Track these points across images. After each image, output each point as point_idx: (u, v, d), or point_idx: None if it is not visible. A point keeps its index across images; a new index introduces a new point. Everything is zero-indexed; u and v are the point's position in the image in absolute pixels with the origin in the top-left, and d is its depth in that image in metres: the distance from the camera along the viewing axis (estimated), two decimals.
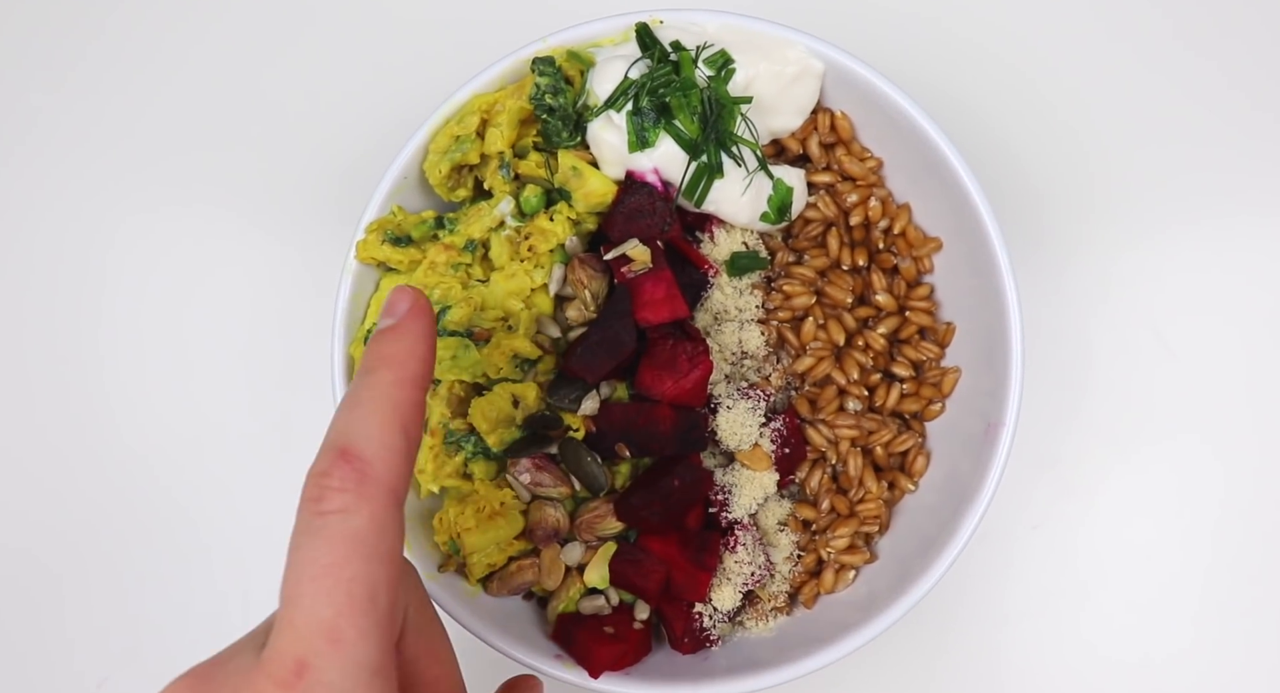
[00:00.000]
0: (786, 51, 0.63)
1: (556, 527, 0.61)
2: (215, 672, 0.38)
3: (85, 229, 0.80)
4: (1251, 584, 0.73)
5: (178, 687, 0.38)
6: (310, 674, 0.35)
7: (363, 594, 0.37)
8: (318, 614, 0.36)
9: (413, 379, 0.42)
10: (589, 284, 0.61)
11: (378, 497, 0.38)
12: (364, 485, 0.38)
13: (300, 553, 0.38)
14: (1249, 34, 0.79)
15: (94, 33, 0.82)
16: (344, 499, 0.38)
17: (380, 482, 0.39)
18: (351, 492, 0.38)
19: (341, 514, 0.37)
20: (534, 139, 0.64)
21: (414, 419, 0.41)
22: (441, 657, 0.47)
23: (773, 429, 0.63)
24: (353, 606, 0.36)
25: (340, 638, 0.36)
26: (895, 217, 0.66)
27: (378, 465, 0.39)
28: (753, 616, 0.65)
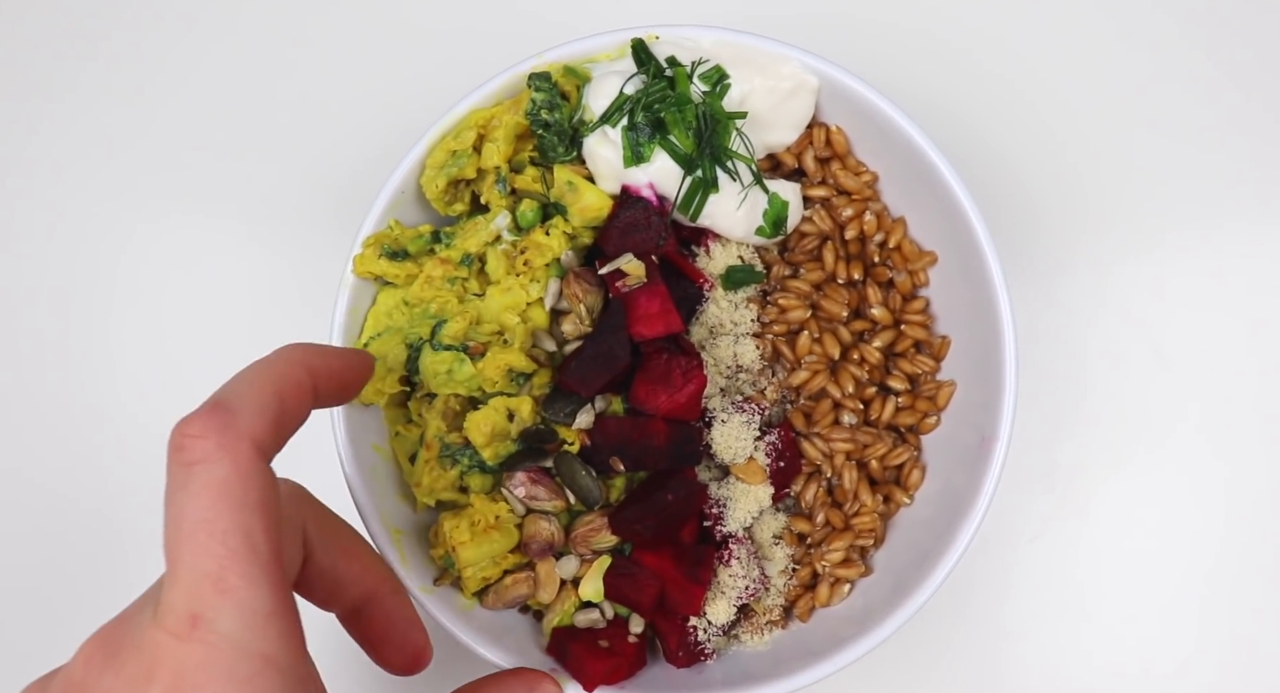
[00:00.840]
0: (781, 67, 0.63)
1: (551, 540, 0.61)
2: (117, 630, 0.39)
3: (84, 241, 0.80)
4: (1251, 595, 0.73)
5: (85, 648, 0.39)
6: (203, 625, 0.36)
7: (241, 544, 0.37)
8: (201, 568, 0.37)
9: (305, 366, 0.44)
10: (584, 298, 0.61)
11: (239, 446, 0.39)
12: (225, 433, 0.39)
13: (173, 509, 0.39)
14: (1244, 46, 0.79)
15: (96, 47, 0.82)
16: (204, 447, 0.39)
17: (242, 433, 0.39)
18: (212, 440, 0.39)
19: (204, 465, 0.38)
20: (530, 154, 0.64)
21: (294, 394, 0.43)
22: (356, 553, 0.48)
23: (768, 443, 0.63)
24: (233, 556, 0.37)
25: (227, 587, 0.37)
26: (890, 230, 0.66)
27: (242, 417, 0.40)
28: (748, 629, 0.65)
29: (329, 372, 0.45)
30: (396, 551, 0.61)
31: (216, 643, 0.36)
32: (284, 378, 0.43)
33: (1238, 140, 0.78)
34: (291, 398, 0.43)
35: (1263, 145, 0.78)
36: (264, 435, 0.40)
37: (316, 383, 0.44)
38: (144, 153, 0.81)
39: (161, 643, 0.37)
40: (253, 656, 0.36)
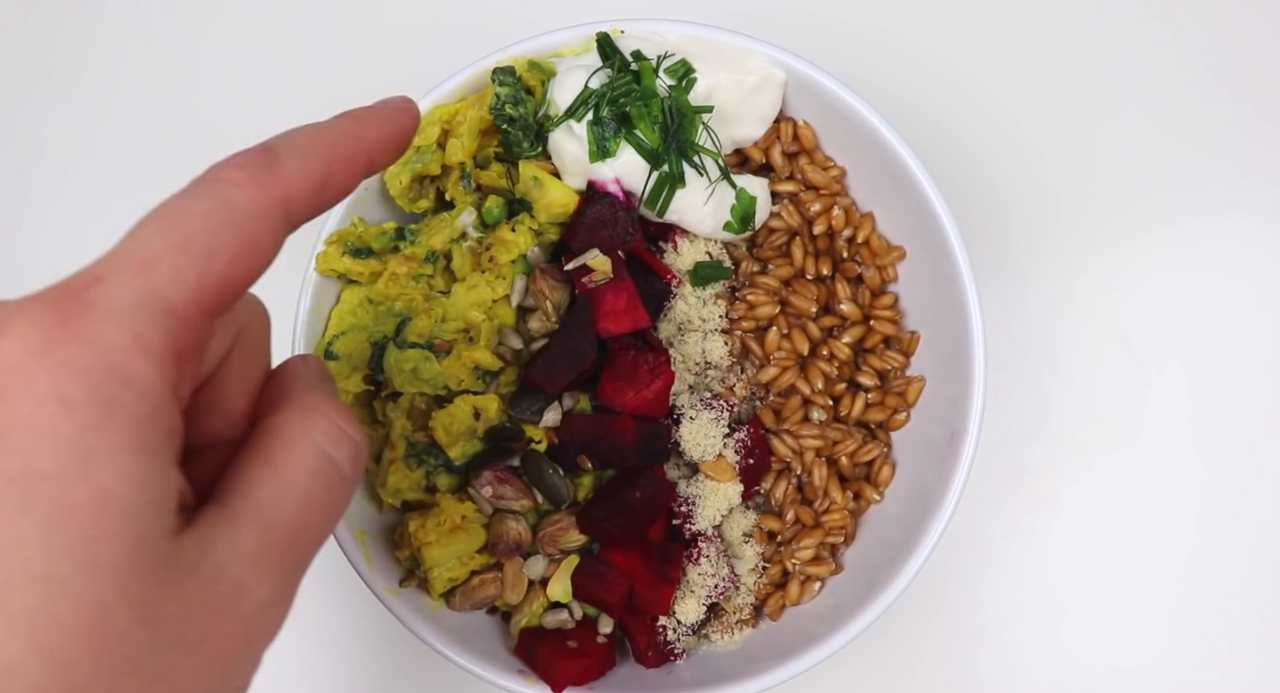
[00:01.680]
0: (748, 61, 0.63)
1: (519, 540, 0.60)
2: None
3: (36, 237, 0.79)
4: (1224, 588, 0.73)
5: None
6: (98, 287, 0.29)
7: (201, 246, 0.31)
8: (145, 244, 0.31)
9: (360, 139, 0.38)
10: (551, 295, 0.60)
11: (272, 189, 0.33)
12: (264, 173, 0.33)
13: (166, 202, 0.33)
14: (1209, 48, 0.79)
15: (44, 48, 0.81)
16: (239, 174, 0.33)
17: (281, 181, 0.34)
18: (250, 170, 0.33)
19: (228, 183, 0.33)
20: (495, 149, 0.63)
21: (343, 168, 0.37)
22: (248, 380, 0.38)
23: (737, 440, 0.63)
24: (186, 247, 0.31)
25: (152, 266, 0.30)
26: (859, 226, 0.66)
27: (288, 167, 0.34)
28: (718, 628, 0.64)
29: (380, 142, 0.39)
30: (361, 552, 0.60)
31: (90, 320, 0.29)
32: (338, 147, 0.37)
33: (1205, 138, 0.78)
34: (340, 172, 0.37)
35: (1230, 143, 0.78)
36: (299, 198, 0.35)
37: (370, 157, 0.38)
38: (94, 149, 0.80)
39: (48, 297, 0.30)
40: (116, 350, 0.29)
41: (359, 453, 0.35)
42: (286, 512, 0.32)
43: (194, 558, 0.30)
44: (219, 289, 0.31)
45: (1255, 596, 0.73)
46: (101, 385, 0.28)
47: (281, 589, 0.32)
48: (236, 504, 0.32)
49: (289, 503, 0.32)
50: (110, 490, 0.28)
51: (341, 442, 0.34)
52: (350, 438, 0.35)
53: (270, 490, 0.32)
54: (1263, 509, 0.74)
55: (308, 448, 0.34)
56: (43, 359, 0.28)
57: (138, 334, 0.29)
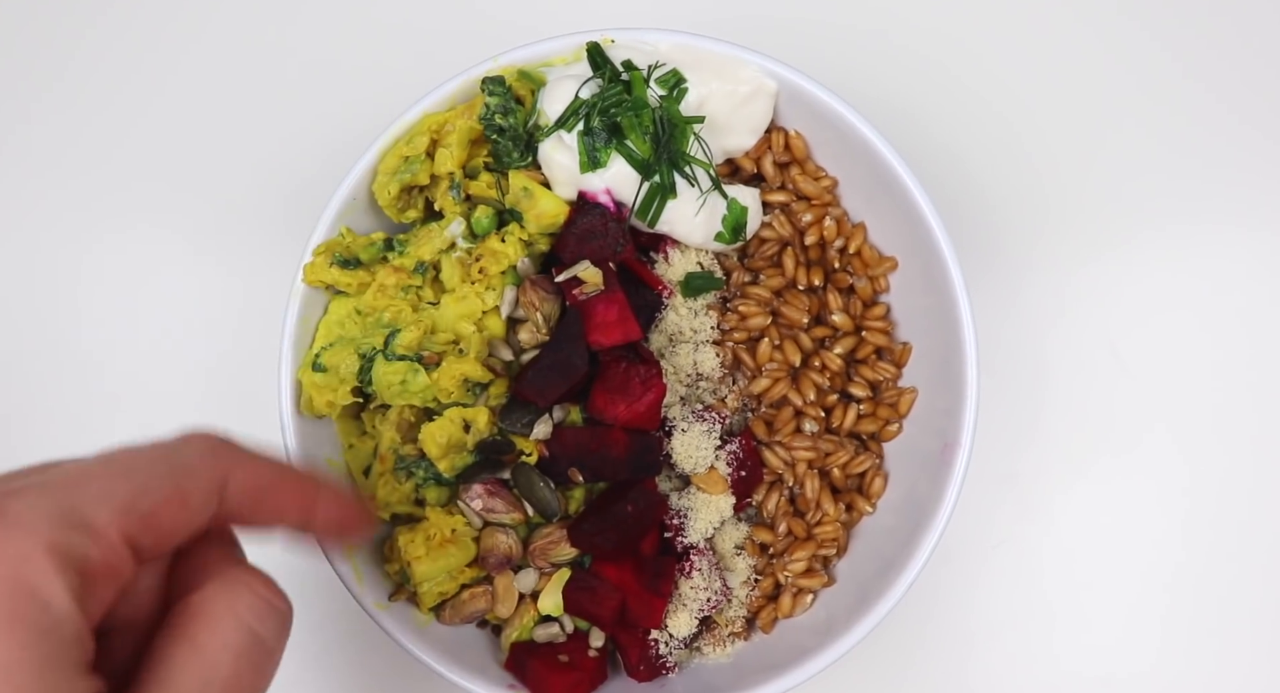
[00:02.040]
0: (739, 71, 0.63)
1: (509, 554, 0.60)
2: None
3: (28, 254, 0.78)
4: (1214, 596, 0.73)
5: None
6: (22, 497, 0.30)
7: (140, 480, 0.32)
8: (84, 464, 0.32)
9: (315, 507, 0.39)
10: (541, 307, 0.60)
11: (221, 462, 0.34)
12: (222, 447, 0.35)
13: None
14: (1199, 54, 0.79)
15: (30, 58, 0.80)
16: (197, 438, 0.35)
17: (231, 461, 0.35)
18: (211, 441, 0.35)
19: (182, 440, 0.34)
20: (484, 159, 0.63)
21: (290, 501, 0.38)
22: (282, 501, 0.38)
23: (729, 452, 0.62)
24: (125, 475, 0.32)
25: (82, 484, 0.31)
26: (850, 236, 0.66)
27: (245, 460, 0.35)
28: (710, 642, 0.64)
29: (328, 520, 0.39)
30: (350, 566, 0.60)
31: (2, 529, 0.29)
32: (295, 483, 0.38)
33: (1195, 146, 0.78)
34: (281, 501, 0.37)
35: (1222, 155, 0.78)
36: (237, 488, 0.35)
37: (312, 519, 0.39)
38: (86, 164, 0.79)
39: None
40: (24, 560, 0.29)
41: (284, 624, 0.35)
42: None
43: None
44: (144, 523, 0.31)
45: (1245, 604, 0.73)
46: (5, 598, 0.28)
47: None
48: (155, 688, 0.31)
49: (215, 688, 0.32)
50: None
51: (268, 616, 0.34)
52: (276, 610, 0.35)
53: (194, 676, 0.32)
54: (1252, 518, 0.74)
55: (232, 626, 0.33)
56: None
57: (50, 545, 0.29)
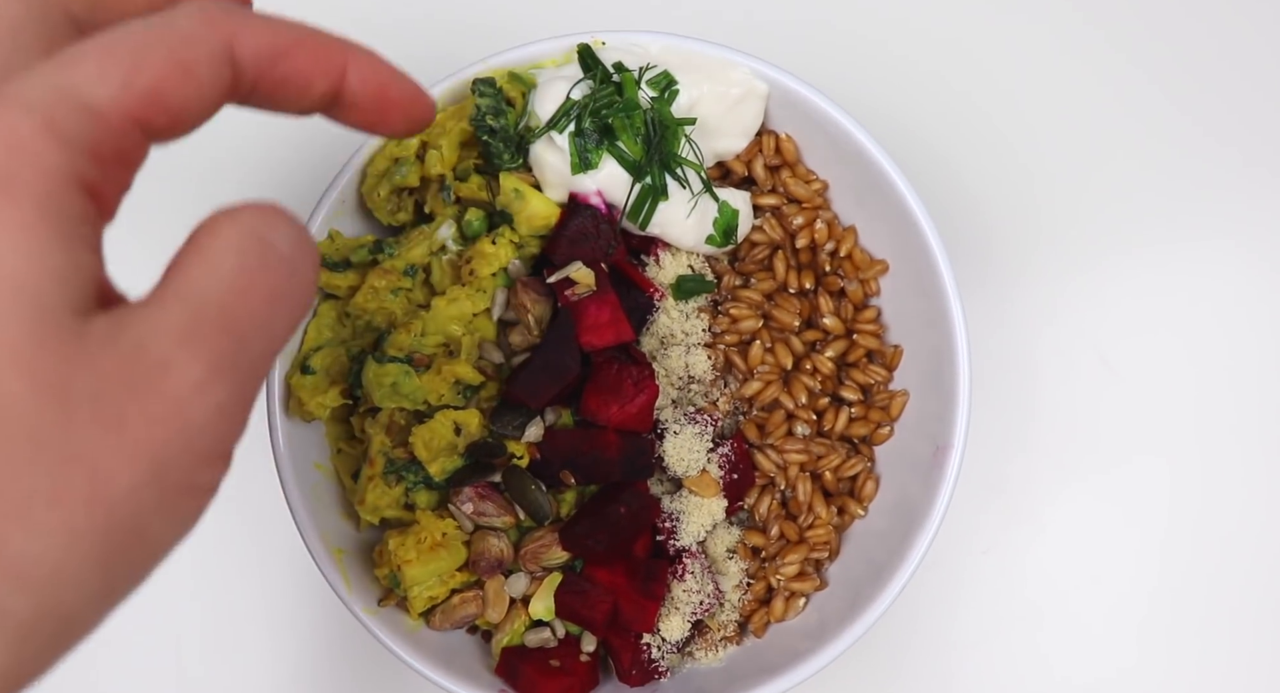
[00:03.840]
0: (730, 73, 0.63)
1: (500, 557, 0.59)
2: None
3: None
4: (1200, 604, 0.73)
5: None
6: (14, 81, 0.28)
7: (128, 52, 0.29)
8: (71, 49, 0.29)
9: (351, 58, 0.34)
10: (532, 309, 0.60)
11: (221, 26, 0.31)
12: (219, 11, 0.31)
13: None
14: (1196, 63, 0.80)
15: None
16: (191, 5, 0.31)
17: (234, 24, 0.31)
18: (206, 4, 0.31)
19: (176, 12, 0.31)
20: (475, 161, 0.62)
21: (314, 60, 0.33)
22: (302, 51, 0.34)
23: (720, 455, 0.62)
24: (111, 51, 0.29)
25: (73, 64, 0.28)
26: (841, 239, 0.66)
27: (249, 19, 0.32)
28: (702, 645, 0.63)
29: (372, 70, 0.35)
30: (339, 571, 0.59)
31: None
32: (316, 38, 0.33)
33: (1190, 159, 0.79)
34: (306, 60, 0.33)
35: (1215, 164, 0.78)
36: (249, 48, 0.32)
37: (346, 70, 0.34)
38: None
39: None
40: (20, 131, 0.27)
41: (301, 237, 0.31)
42: (216, 289, 0.29)
43: (108, 333, 0.26)
44: (147, 100, 0.29)
45: (1231, 611, 0.73)
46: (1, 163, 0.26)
47: (219, 370, 0.28)
48: (159, 290, 0.29)
49: (217, 280, 0.29)
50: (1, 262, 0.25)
51: (276, 223, 0.31)
52: (286, 220, 0.31)
53: (196, 272, 0.29)
54: (1239, 525, 0.74)
55: (234, 229, 0.30)
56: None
57: (48, 121, 0.27)
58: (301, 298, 0.31)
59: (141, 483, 0.26)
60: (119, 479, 0.26)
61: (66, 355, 0.25)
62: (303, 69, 0.33)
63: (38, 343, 0.25)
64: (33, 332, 0.25)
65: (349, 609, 0.59)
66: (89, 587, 0.26)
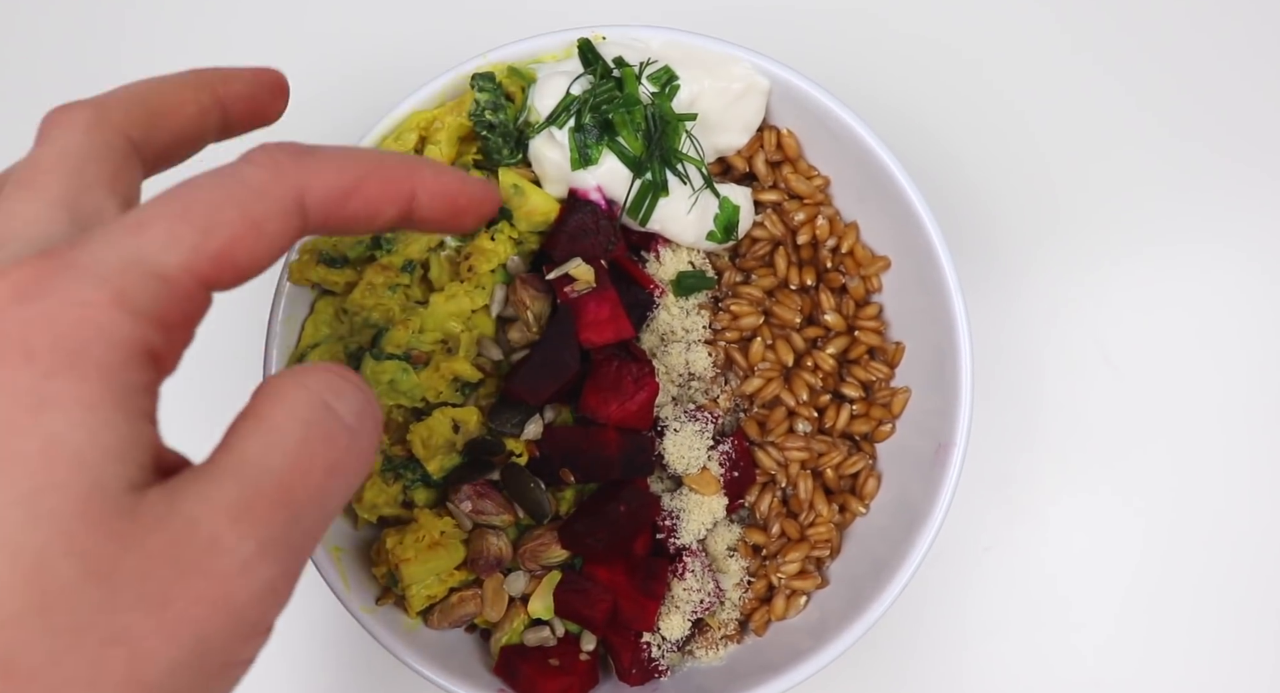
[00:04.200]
0: (732, 68, 0.62)
1: (499, 556, 0.59)
2: None
3: None
4: (1205, 601, 0.73)
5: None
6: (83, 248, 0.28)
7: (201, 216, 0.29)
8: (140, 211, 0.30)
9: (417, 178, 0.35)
10: (531, 305, 0.59)
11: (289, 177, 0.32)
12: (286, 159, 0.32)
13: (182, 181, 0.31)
14: (1207, 58, 0.79)
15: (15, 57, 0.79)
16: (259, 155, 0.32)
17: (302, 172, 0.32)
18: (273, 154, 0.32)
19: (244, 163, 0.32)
20: (474, 156, 0.62)
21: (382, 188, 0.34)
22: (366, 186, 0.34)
23: (721, 452, 0.62)
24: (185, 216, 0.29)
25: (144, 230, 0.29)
26: (843, 235, 0.65)
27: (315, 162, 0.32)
28: (703, 644, 0.63)
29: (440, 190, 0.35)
30: (337, 569, 0.59)
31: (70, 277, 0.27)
32: (383, 165, 0.34)
33: (1194, 157, 0.78)
34: (374, 189, 0.33)
35: (1220, 163, 0.78)
36: (318, 195, 0.32)
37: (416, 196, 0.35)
38: None
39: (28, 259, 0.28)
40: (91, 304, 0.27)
41: (368, 407, 0.32)
42: (275, 463, 0.29)
43: (159, 511, 0.27)
44: (216, 263, 0.29)
45: (1239, 608, 0.73)
46: (67, 335, 0.26)
47: (269, 548, 0.28)
48: (218, 459, 0.29)
49: (278, 453, 0.29)
50: (61, 439, 0.25)
51: (344, 391, 0.31)
52: (355, 387, 0.31)
53: (256, 442, 0.29)
54: (1244, 525, 0.74)
55: (300, 397, 0.30)
56: (14, 313, 0.26)
57: (119, 293, 0.27)
58: (361, 468, 0.31)
59: (182, 663, 0.26)
60: (159, 660, 0.26)
61: (117, 537, 0.26)
62: (372, 202, 0.34)
63: (92, 525, 0.25)
64: (87, 513, 0.25)
65: (346, 608, 0.58)
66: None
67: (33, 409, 0.25)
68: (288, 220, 0.31)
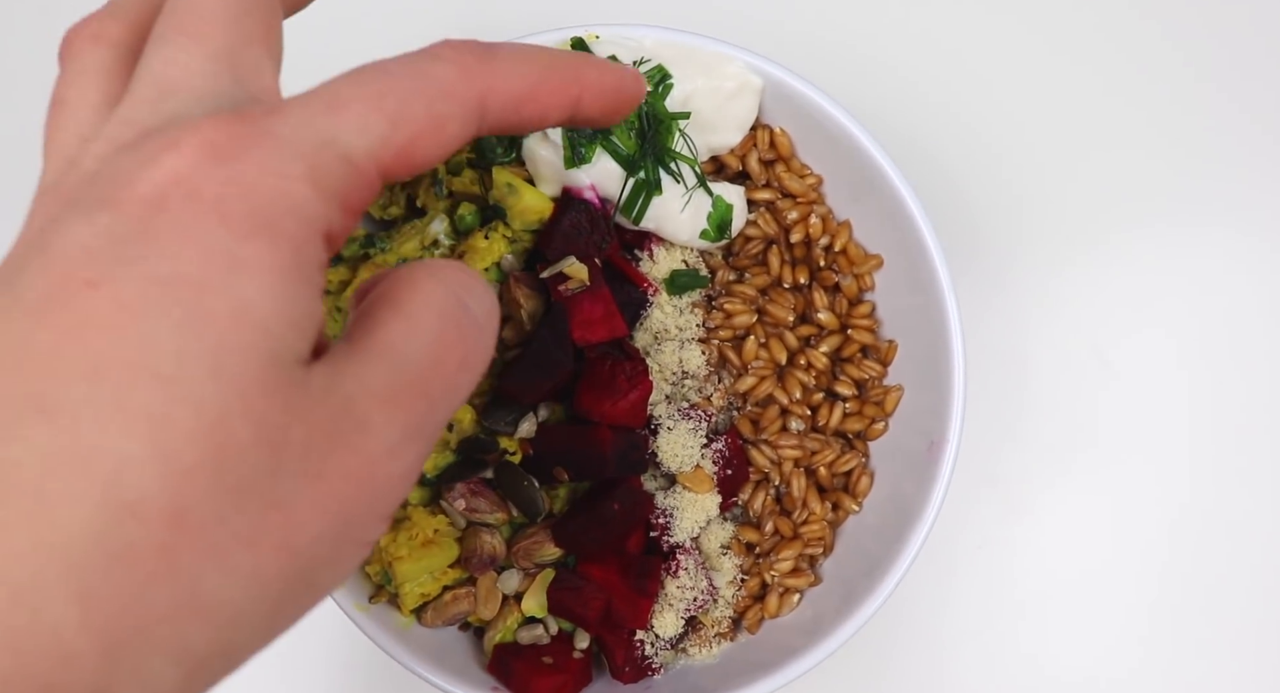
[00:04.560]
0: (725, 67, 0.62)
1: (493, 554, 0.59)
2: None
3: None
4: (1195, 599, 0.73)
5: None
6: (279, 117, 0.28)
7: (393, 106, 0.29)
8: (336, 89, 0.29)
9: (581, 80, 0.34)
10: (525, 304, 0.59)
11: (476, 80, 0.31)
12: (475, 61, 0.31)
13: (372, 62, 0.31)
14: (1186, 54, 0.80)
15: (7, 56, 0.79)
16: (449, 52, 0.31)
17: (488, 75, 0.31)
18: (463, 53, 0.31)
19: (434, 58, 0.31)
20: (468, 155, 0.62)
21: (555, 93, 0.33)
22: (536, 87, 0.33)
23: (714, 450, 0.62)
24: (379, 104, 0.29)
25: (340, 110, 0.29)
26: (836, 234, 0.65)
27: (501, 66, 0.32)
28: (696, 642, 0.63)
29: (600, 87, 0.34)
30: None
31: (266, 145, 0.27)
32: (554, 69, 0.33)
33: (1182, 150, 0.78)
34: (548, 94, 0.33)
35: (1208, 156, 0.78)
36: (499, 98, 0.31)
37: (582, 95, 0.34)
38: None
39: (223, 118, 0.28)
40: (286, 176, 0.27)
41: (493, 305, 0.32)
42: (416, 352, 0.29)
43: (324, 386, 0.27)
44: (397, 156, 0.29)
45: (1231, 606, 0.73)
46: (264, 204, 0.26)
47: (409, 436, 0.28)
48: (365, 343, 0.29)
49: (419, 344, 0.29)
50: (251, 303, 0.25)
51: (474, 289, 0.31)
52: (482, 285, 0.32)
53: (399, 331, 0.29)
54: (1237, 521, 0.74)
55: (437, 290, 0.30)
56: (210, 173, 0.26)
57: (313, 170, 0.27)
58: (483, 365, 0.31)
59: (326, 534, 0.27)
60: (309, 528, 0.27)
61: (289, 407, 0.26)
62: (544, 107, 0.33)
63: (270, 392, 0.26)
64: (266, 380, 0.26)
65: (339, 606, 0.58)
66: (258, 629, 0.27)
67: (226, 269, 0.25)
68: (467, 123, 0.31)
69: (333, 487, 0.27)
